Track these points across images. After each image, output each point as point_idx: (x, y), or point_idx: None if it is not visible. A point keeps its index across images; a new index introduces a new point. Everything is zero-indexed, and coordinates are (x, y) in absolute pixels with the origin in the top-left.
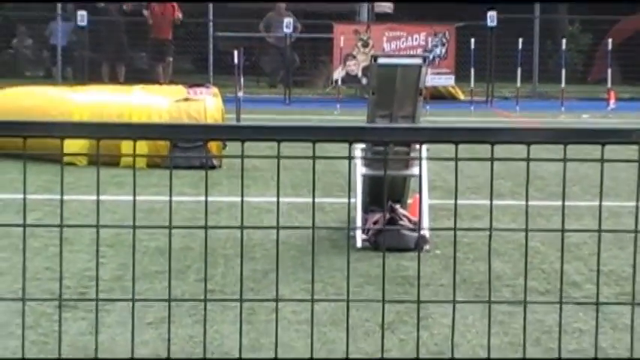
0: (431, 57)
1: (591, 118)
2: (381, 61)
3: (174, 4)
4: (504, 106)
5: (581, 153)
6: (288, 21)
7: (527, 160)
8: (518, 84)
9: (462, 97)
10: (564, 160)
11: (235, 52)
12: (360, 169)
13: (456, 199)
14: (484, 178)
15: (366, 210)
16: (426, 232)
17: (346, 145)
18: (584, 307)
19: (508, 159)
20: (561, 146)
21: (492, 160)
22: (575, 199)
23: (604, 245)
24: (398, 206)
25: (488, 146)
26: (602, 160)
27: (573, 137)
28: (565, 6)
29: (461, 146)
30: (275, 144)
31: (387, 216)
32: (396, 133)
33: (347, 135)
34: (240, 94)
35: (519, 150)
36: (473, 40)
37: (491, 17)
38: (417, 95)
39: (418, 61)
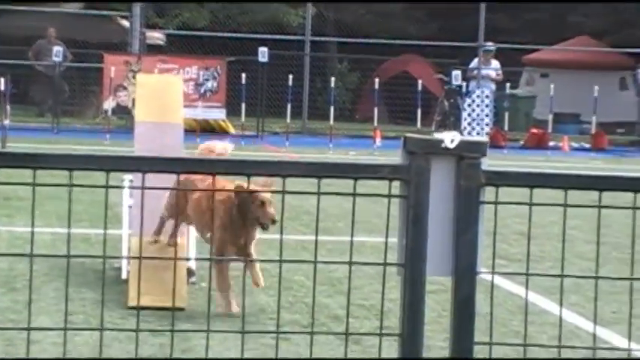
0: (202, 90)
1: (358, 155)
2: None
3: None
4: (274, 141)
5: (347, 187)
6: (58, 49)
7: (283, 192)
8: (288, 120)
9: (232, 130)
10: (318, 193)
11: (2, 80)
12: (127, 200)
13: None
14: None
15: None
16: (192, 264)
17: (114, 174)
18: (344, 340)
19: (261, 191)
20: (327, 180)
21: (250, 192)
22: (339, 235)
23: (367, 280)
24: None
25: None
26: (354, 195)
27: (326, 171)
28: (334, 45)
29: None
30: (40, 171)
31: None
32: (153, 163)
33: (103, 165)
34: (7, 122)
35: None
36: (244, 75)
37: (263, 53)
38: None
39: None
